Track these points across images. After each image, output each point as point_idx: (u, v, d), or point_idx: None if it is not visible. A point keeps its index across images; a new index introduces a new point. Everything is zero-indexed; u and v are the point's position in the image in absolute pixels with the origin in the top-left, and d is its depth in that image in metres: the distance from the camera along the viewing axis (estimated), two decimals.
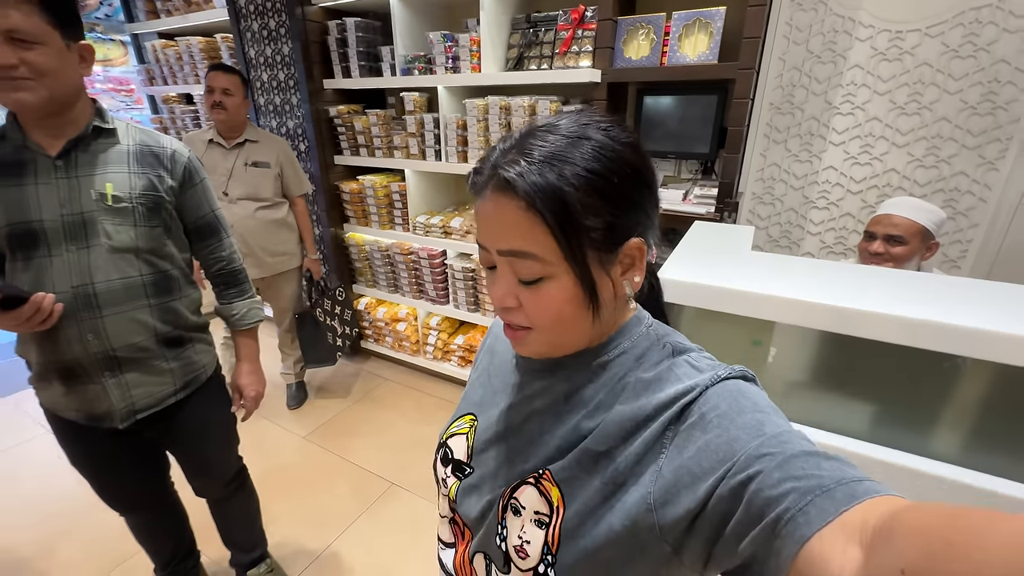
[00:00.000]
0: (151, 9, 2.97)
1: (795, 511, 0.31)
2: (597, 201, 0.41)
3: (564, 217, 0.40)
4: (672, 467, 0.39)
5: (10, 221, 0.89)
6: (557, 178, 0.40)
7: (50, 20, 0.84)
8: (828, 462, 0.33)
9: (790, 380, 0.98)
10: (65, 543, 1.72)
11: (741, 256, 1.08)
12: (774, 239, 2.00)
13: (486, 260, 0.47)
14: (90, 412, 1.01)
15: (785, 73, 1.79)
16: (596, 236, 0.42)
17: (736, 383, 0.42)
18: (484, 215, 0.44)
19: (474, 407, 0.60)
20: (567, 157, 0.41)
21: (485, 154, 0.46)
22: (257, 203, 2.08)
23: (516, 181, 0.40)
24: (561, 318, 0.44)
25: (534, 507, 0.46)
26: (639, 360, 0.47)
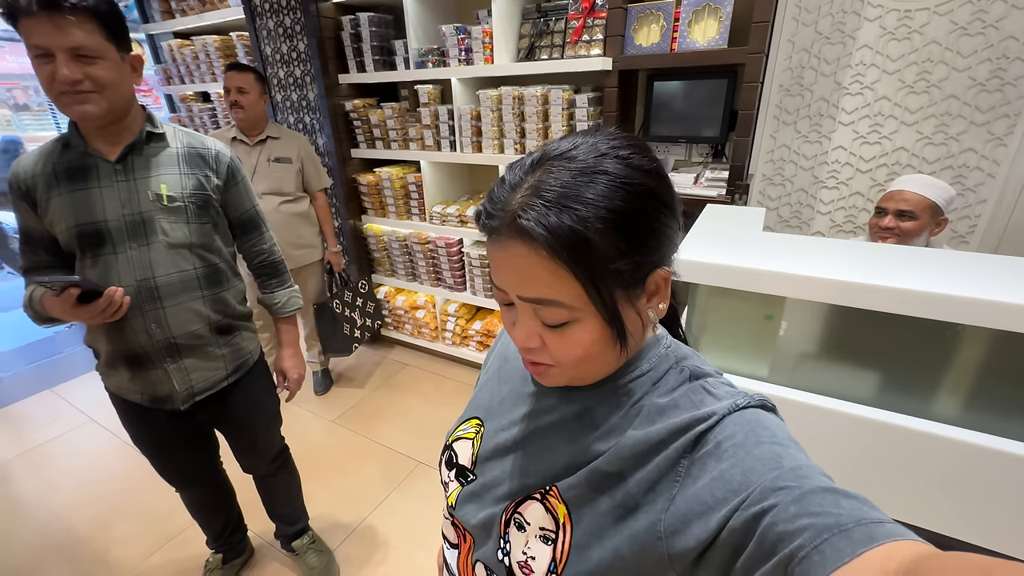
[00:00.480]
0: (166, 9, 3.02)
1: (810, 549, 0.30)
2: (622, 242, 0.39)
3: (590, 264, 0.38)
4: (685, 496, 0.38)
5: (79, 222, 0.98)
6: (579, 222, 0.37)
7: (107, 36, 0.91)
8: (848, 500, 0.32)
9: (801, 351, 1.05)
10: (119, 521, 1.85)
11: (753, 236, 1.13)
12: (784, 219, 2.04)
13: (502, 299, 0.44)
14: (154, 395, 1.10)
15: (794, 55, 1.82)
16: (624, 277, 0.40)
17: (755, 412, 0.40)
18: (501, 261, 0.41)
19: (482, 412, 0.59)
20: (588, 198, 0.38)
21: (495, 190, 0.42)
22: (280, 198, 2.15)
23: (536, 230, 0.38)
24: (588, 357, 0.43)
25: (540, 523, 0.46)
26: (656, 384, 0.46)
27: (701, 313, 1.09)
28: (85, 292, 0.91)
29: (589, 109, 1.91)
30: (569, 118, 1.96)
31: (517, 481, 0.50)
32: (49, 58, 0.85)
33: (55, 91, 0.88)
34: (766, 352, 1.05)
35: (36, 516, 1.90)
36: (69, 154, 0.98)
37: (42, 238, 1.01)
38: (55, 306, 0.93)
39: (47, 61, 0.86)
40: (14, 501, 1.98)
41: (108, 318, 0.96)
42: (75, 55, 0.87)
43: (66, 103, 0.90)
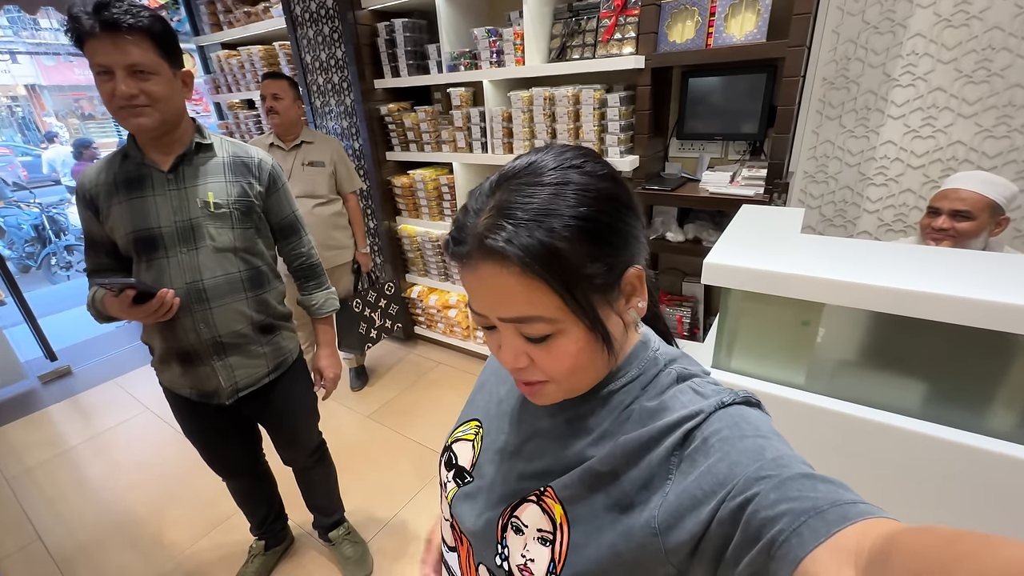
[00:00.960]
0: (215, 22, 3.19)
1: (789, 532, 0.31)
2: (593, 247, 0.40)
3: (564, 273, 0.39)
4: (677, 491, 0.39)
5: (136, 228, 1.05)
6: (546, 233, 0.38)
7: (161, 54, 0.97)
8: (824, 484, 0.33)
9: (840, 359, 1.00)
10: (172, 505, 1.97)
11: (790, 238, 1.09)
12: (828, 218, 1.95)
13: (483, 323, 0.45)
14: (202, 390, 1.18)
15: (839, 47, 1.73)
16: (598, 281, 0.41)
17: (739, 408, 0.41)
18: (475, 285, 0.42)
19: (481, 413, 0.60)
20: (552, 209, 0.39)
21: (458, 218, 0.43)
22: (314, 200, 2.23)
23: (507, 249, 0.38)
24: (578, 367, 0.44)
25: (537, 525, 0.46)
26: (645, 388, 0.47)
27: (733, 318, 1.06)
28: (140, 293, 0.98)
29: (621, 108, 1.88)
30: (600, 118, 1.94)
31: (513, 484, 0.51)
32: (109, 75, 0.92)
33: (115, 106, 0.95)
34: (802, 359, 1.01)
35: (100, 497, 2.05)
36: (128, 165, 1.06)
37: (103, 242, 1.09)
38: (114, 306, 1.00)
39: (108, 78, 0.93)
40: (82, 482, 2.15)
41: (160, 318, 1.03)
42: (132, 71, 0.94)
43: (124, 116, 0.97)
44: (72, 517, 1.95)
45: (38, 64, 10.17)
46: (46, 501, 2.05)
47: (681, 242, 2.01)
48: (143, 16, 0.93)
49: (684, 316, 2.14)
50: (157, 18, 0.96)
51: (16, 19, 9.30)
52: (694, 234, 2.01)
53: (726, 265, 0.96)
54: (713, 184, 1.86)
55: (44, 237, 5.42)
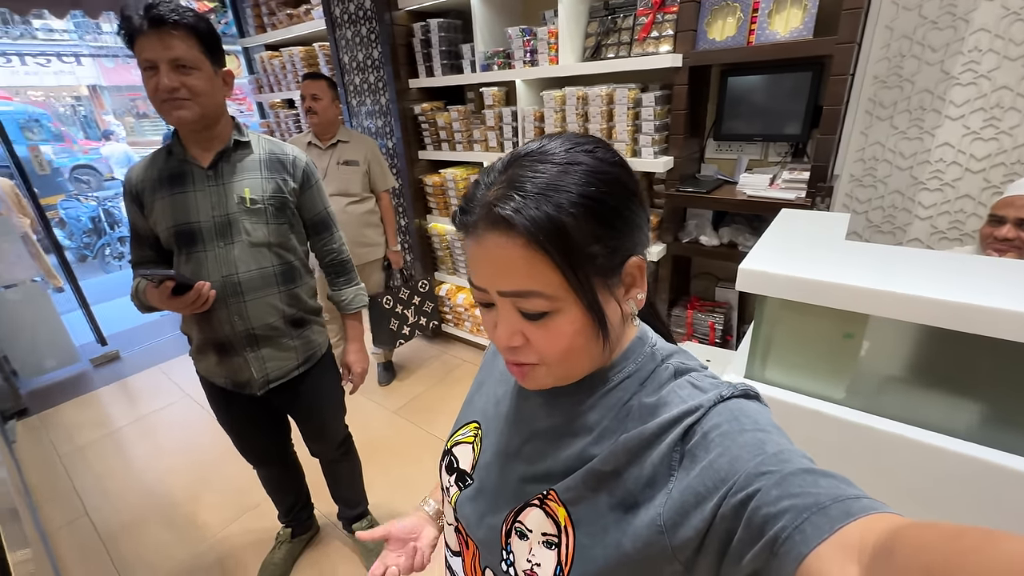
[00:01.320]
0: (259, 24, 3.30)
1: (792, 529, 0.31)
2: (597, 227, 0.40)
3: (568, 249, 0.39)
4: (680, 488, 0.39)
5: (177, 222, 1.09)
6: (554, 208, 0.38)
7: (203, 51, 1.01)
8: (826, 479, 0.33)
9: (885, 374, 0.94)
10: (206, 489, 2.06)
11: (833, 245, 1.04)
12: (875, 224, 1.85)
13: (481, 298, 0.45)
14: (235, 380, 1.21)
15: (893, 43, 1.64)
16: (600, 262, 0.41)
17: (738, 402, 0.41)
18: (479, 256, 0.42)
19: (479, 415, 0.59)
20: (560, 185, 0.39)
21: (469, 190, 0.43)
22: (347, 198, 2.28)
23: (514, 218, 0.38)
24: (572, 350, 0.43)
25: (541, 528, 0.46)
26: (643, 384, 0.46)
27: (769, 327, 1.01)
28: (179, 285, 1.02)
29: (656, 108, 1.84)
30: (635, 118, 1.90)
31: (514, 487, 0.50)
32: (154, 70, 0.97)
33: (158, 99, 0.99)
34: (843, 373, 0.96)
35: (143, 477, 2.16)
36: (171, 161, 1.10)
37: (147, 236, 1.14)
38: (154, 296, 1.05)
39: (153, 74, 0.97)
40: (127, 463, 2.27)
41: (197, 309, 1.07)
42: (175, 66, 0.98)
43: (166, 110, 1.01)
44: (117, 495, 2.06)
45: (100, 66, 10.80)
46: (94, 478, 2.17)
47: (716, 246, 1.95)
48: (187, 15, 0.97)
49: (716, 322, 2.07)
50: (201, 18, 1.00)
51: (81, 23, 9.89)
52: (729, 238, 1.95)
53: (763, 272, 0.91)
54: (751, 187, 1.80)
55: (100, 229, 5.75)
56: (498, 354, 0.63)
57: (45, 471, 2.23)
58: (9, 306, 2.76)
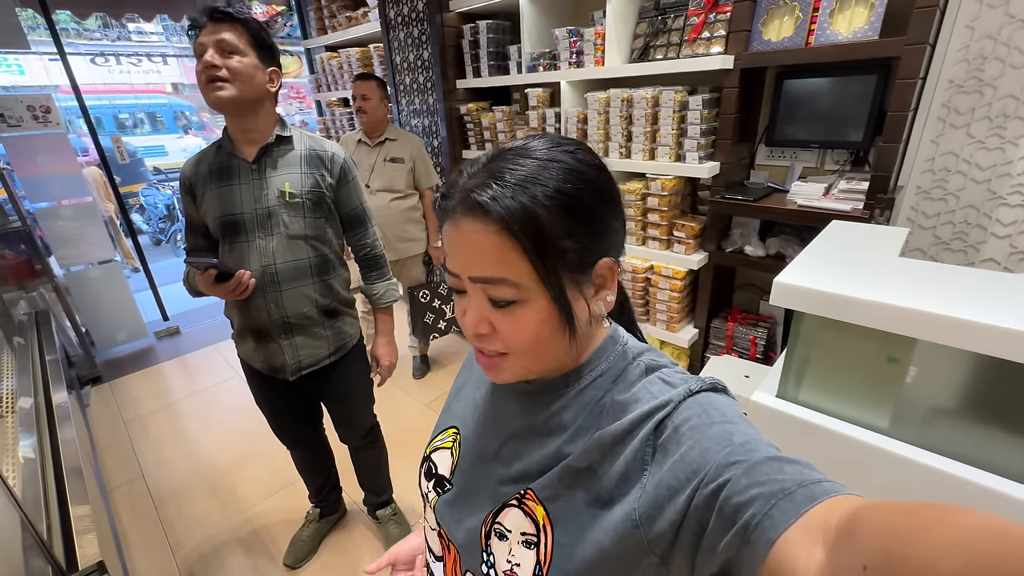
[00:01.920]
0: (320, 26, 3.47)
1: (761, 516, 0.32)
2: (570, 222, 0.41)
3: (539, 240, 0.40)
4: (654, 482, 0.40)
5: (223, 213, 1.17)
6: (530, 200, 0.40)
7: (249, 41, 1.09)
8: (790, 466, 0.34)
9: (934, 405, 0.87)
10: (248, 463, 2.18)
11: (885, 261, 0.96)
12: (943, 241, 1.70)
13: (454, 284, 0.46)
14: (271, 365, 1.28)
15: (973, 44, 1.50)
16: (570, 257, 0.42)
17: (707, 396, 0.42)
18: (454, 240, 0.43)
19: (457, 420, 0.60)
20: (538, 179, 0.40)
21: (452, 178, 0.45)
22: (392, 194, 2.35)
23: (489, 205, 0.40)
24: (538, 341, 0.44)
25: (520, 528, 0.46)
26: (615, 381, 0.47)
27: (805, 346, 0.96)
28: (221, 273, 1.09)
29: (703, 111, 1.77)
30: (680, 121, 1.84)
31: (493, 489, 0.51)
32: (203, 56, 1.05)
33: (203, 78, 1.06)
34: (887, 400, 0.88)
35: (193, 448, 2.32)
36: (220, 155, 1.18)
37: (199, 225, 1.23)
38: (201, 282, 1.12)
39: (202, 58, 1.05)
40: (181, 432, 2.45)
41: (237, 296, 1.14)
42: (220, 48, 1.06)
43: (208, 90, 1.07)
44: (169, 462, 2.23)
45: (182, 65, 11.70)
46: (151, 445, 2.36)
47: (761, 257, 1.86)
48: (242, 13, 1.07)
49: (759, 337, 1.97)
50: (254, 19, 1.09)
51: (168, 26, 10.76)
52: (777, 249, 1.85)
53: (800, 286, 0.86)
54: (803, 196, 1.70)
55: (174, 215, 6.23)
56: (471, 362, 0.64)
57: (111, 434, 2.45)
58: (92, 283, 3.04)
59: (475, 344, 0.47)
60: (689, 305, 2.14)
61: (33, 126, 2.64)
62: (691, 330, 2.10)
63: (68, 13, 3.97)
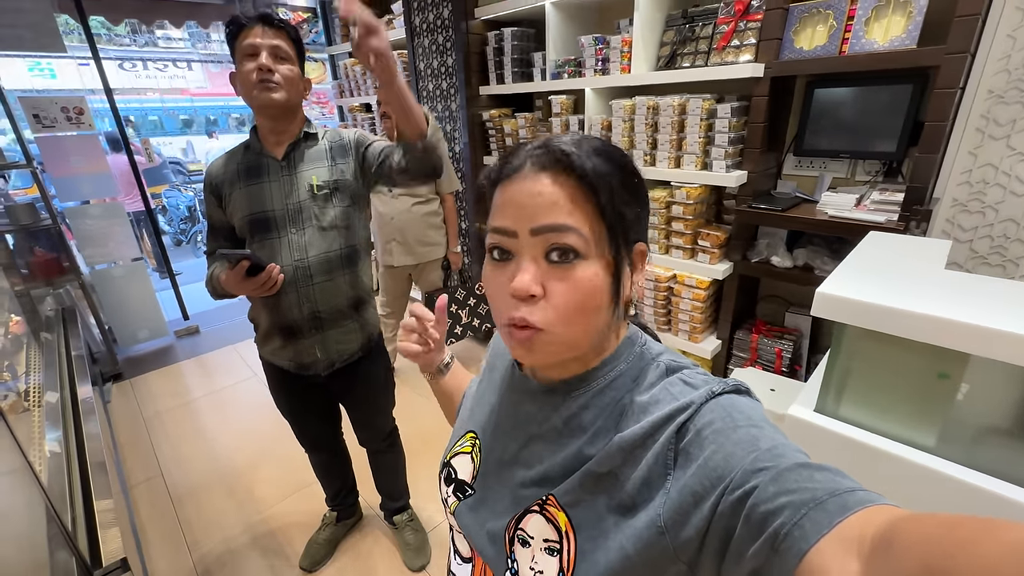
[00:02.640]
0: (345, 33, 3.52)
1: (791, 525, 0.31)
2: (630, 195, 0.44)
3: (611, 199, 0.43)
4: (677, 488, 0.39)
5: (252, 211, 1.18)
6: (604, 163, 0.43)
7: (295, 50, 1.13)
8: (821, 473, 0.33)
9: (984, 424, 0.83)
10: (265, 464, 2.19)
11: (931, 274, 0.93)
12: (981, 255, 1.65)
13: (505, 244, 0.44)
14: (300, 362, 1.28)
15: (1015, 53, 1.46)
16: (627, 225, 0.44)
17: (730, 398, 0.41)
18: (519, 195, 0.43)
19: (475, 425, 0.59)
20: (607, 151, 0.44)
21: (513, 148, 0.46)
22: (414, 199, 2.36)
23: (572, 156, 0.42)
24: (583, 311, 0.43)
25: (543, 535, 0.46)
26: (635, 382, 0.47)
27: (847, 358, 0.93)
28: (252, 266, 1.09)
29: (732, 120, 1.75)
30: (707, 129, 1.83)
31: (514, 492, 0.50)
32: (254, 57, 1.07)
33: (254, 80, 1.07)
34: (935, 418, 0.85)
35: (211, 446, 2.34)
36: (248, 155, 1.19)
37: (222, 227, 1.24)
38: (228, 280, 1.13)
39: (252, 59, 1.07)
40: (199, 431, 2.47)
41: (266, 291, 1.14)
42: (274, 53, 1.08)
43: (259, 91, 1.08)
44: (187, 461, 2.24)
45: (206, 71, 12.00)
46: (170, 443, 2.37)
47: (788, 268, 1.82)
48: (287, 21, 1.10)
49: (784, 350, 1.93)
50: (295, 27, 1.13)
51: (194, 33, 11.05)
52: (805, 260, 1.81)
53: (845, 297, 0.84)
54: (833, 206, 1.66)
55: (195, 217, 6.34)
56: (494, 365, 0.62)
57: (131, 431, 2.48)
58: (116, 281, 3.10)
59: (517, 314, 0.43)
60: (712, 316, 2.11)
61: (66, 127, 2.71)
62: (714, 341, 2.06)
63: (100, 19, 4.10)
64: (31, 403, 1.75)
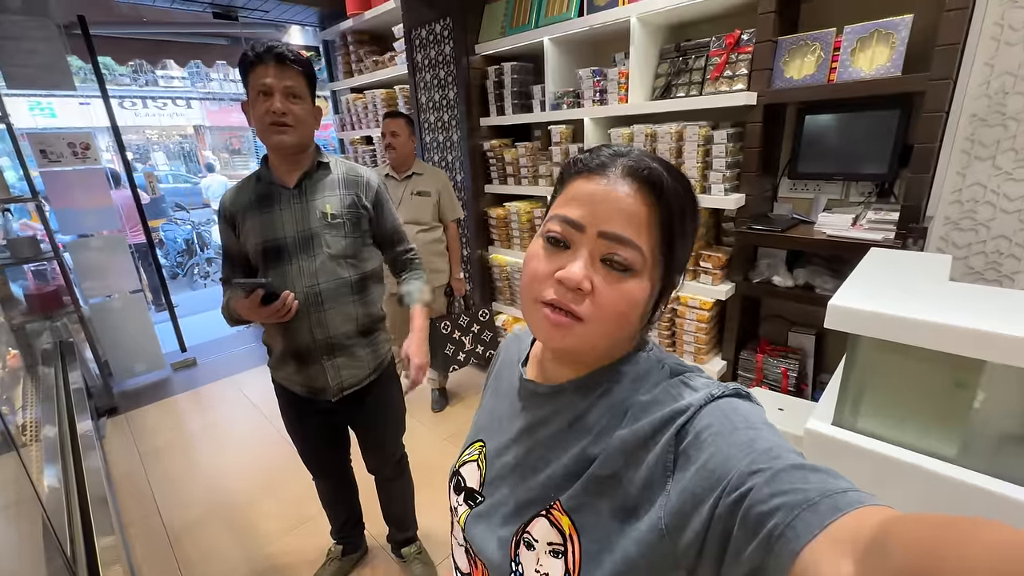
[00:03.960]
0: (347, 70, 3.64)
1: (784, 527, 0.31)
2: (691, 223, 0.47)
3: (681, 228, 0.45)
4: (677, 490, 0.39)
5: (265, 239, 1.19)
6: (684, 191, 0.46)
7: (307, 85, 1.15)
8: (815, 474, 0.34)
9: (1006, 431, 0.84)
10: (265, 498, 2.12)
11: (937, 286, 0.96)
12: (976, 271, 1.69)
13: (567, 235, 0.45)
14: (311, 387, 1.27)
15: (993, 80, 1.54)
16: (680, 255, 0.47)
17: (730, 401, 0.42)
18: (595, 193, 0.44)
19: (483, 433, 0.60)
20: (683, 181, 0.46)
21: (598, 147, 0.48)
22: (418, 226, 2.39)
23: (662, 178, 0.43)
24: (623, 316, 0.45)
25: (547, 538, 0.46)
26: (639, 383, 0.48)
27: (862, 370, 0.94)
28: (268, 294, 1.10)
29: (728, 145, 1.82)
30: (705, 155, 1.89)
31: (522, 496, 0.51)
32: (268, 96, 1.09)
33: (267, 121, 1.10)
34: (955, 427, 0.86)
35: (209, 481, 2.27)
36: (260, 185, 1.22)
37: (237, 255, 1.25)
38: (243, 306, 1.13)
39: (266, 99, 1.09)
40: (195, 466, 2.40)
41: (281, 318, 1.15)
42: (287, 93, 1.10)
43: (271, 132, 1.12)
44: (184, 497, 2.17)
45: (204, 108, 12.24)
46: (167, 479, 2.30)
47: (790, 287, 1.85)
48: (301, 57, 1.12)
49: (790, 369, 1.94)
50: (308, 61, 1.15)
51: (194, 74, 11.34)
52: (805, 280, 1.84)
53: (860, 309, 0.86)
54: (831, 227, 1.71)
55: (192, 250, 6.34)
56: (500, 374, 0.64)
57: (126, 467, 2.40)
58: (114, 314, 3.07)
59: (561, 299, 0.44)
60: (716, 336, 2.12)
61: (72, 162, 2.74)
62: (719, 362, 2.07)
63: (106, 59, 4.20)
64: (28, 437, 1.71)
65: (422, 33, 2.73)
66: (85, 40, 2.95)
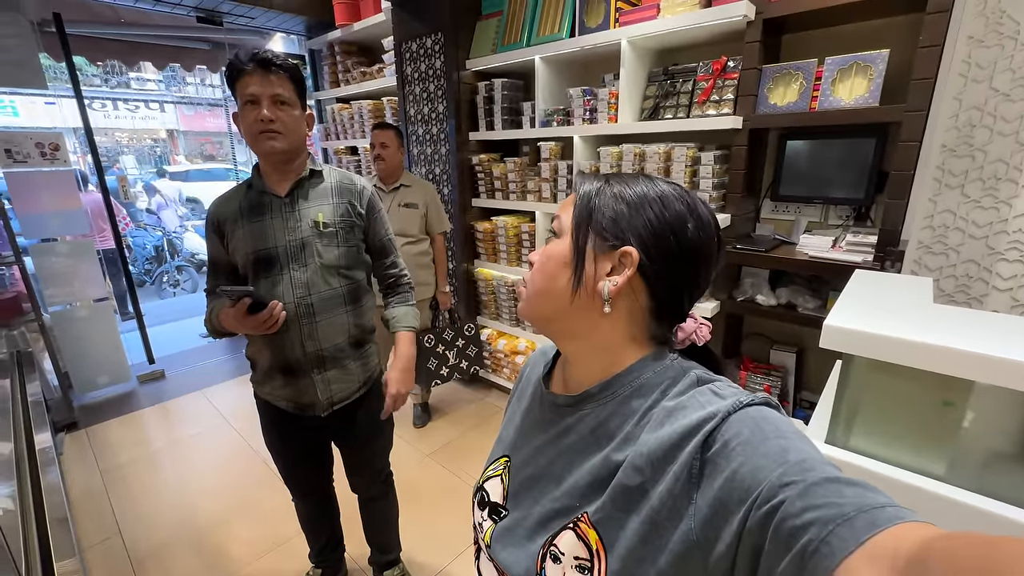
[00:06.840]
0: (334, 80, 3.61)
1: (818, 542, 0.30)
2: (616, 203, 0.50)
3: (586, 203, 0.51)
4: (706, 500, 0.38)
5: (256, 248, 1.16)
6: (605, 187, 0.51)
7: (296, 91, 1.13)
8: (850, 488, 0.33)
9: (993, 449, 0.87)
10: (238, 519, 2.02)
11: (923, 308, 0.99)
12: (947, 293, 1.77)
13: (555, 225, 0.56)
14: (299, 402, 1.23)
15: (962, 113, 1.64)
16: (603, 225, 0.50)
17: (759, 409, 0.41)
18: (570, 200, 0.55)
19: (507, 448, 0.60)
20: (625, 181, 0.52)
21: None
22: (405, 238, 2.36)
23: (580, 186, 0.53)
24: (552, 278, 0.51)
25: (573, 552, 0.45)
26: (664, 390, 0.48)
27: (855, 391, 0.96)
28: (255, 303, 1.06)
29: (715, 167, 1.87)
30: (692, 175, 1.93)
31: (547, 506, 0.50)
32: (255, 104, 1.07)
33: (256, 129, 1.08)
34: (943, 446, 0.88)
35: (174, 500, 2.15)
36: (251, 194, 1.18)
37: (223, 265, 1.21)
38: (229, 317, 1.09)
39: (254, 107, 1.07)
40: (161, 485, 2.27)
41: (268, 329, 1.10)
42: (275, 101, 1.08)
43: (261, 140, 1.09)
44: (149, 517, 2.05)
45: (179, 112, 11.96)
46: (130, 498, 2.17)
47: (773, 306, 1.90)
48: (287, 62, 1.10)
49: (773, 386, 1.97)
50: (296, 66, 1.13)
51: (170, 77, 11.09)
52: (788, 299, 1.89)
53: (854, 330, 0.88)
54: (812, 248, 1.77)
55: (162, 257, 6.12)
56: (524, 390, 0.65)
57: (86, 486, 2.26)
58: (78, 323, 2.92)
59: None
60: None
61: (40, 163, 2.62)
62: None
63: (79, 59, 4.07)
64: None
65: (413, 47, 2.73)
66: (60, 38, 2.85)
